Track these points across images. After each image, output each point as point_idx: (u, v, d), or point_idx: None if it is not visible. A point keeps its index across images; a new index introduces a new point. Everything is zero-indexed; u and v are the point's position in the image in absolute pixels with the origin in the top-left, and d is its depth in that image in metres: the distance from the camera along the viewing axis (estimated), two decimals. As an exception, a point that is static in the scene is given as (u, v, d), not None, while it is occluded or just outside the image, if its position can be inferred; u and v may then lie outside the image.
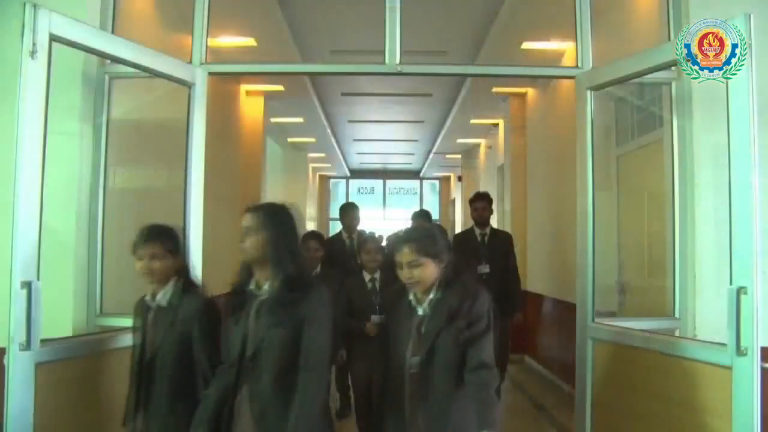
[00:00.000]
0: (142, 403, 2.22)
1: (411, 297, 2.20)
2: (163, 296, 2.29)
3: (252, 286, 2.09)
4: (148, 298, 2.32)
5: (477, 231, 4.93)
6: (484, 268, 4.71)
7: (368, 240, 3.88)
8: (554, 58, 5.61)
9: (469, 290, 2.16)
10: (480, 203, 4.96)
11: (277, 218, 2.08)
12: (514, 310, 4.89)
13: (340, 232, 5.16)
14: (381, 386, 2.29)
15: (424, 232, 2.24)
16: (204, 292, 2.36)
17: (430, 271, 2.13)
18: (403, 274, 2.14)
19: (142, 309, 2.34)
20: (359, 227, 5.16)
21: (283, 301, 1.98)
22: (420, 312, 2.17)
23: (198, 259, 3.05)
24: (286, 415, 1.91)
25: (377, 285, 3.69)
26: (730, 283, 2.29)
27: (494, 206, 5.16)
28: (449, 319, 2.10)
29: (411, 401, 2.12)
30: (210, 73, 3.20)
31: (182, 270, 2.35)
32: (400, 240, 2.18)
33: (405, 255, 2.13)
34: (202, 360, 2.19)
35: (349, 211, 5.15)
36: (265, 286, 2.06)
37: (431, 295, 2.17)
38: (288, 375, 1.96)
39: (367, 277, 3.73)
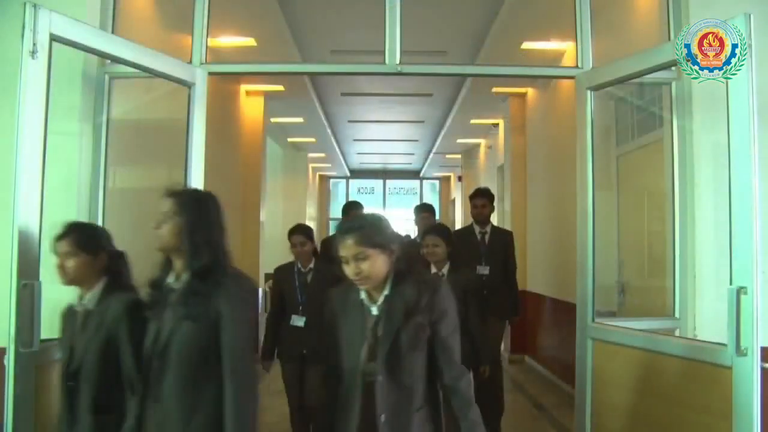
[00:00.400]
0: (68, 418, 2.04)
1: (362, 295, 1.97)
2: (91, 299, 2.11)
3: (171, 279, 1.92)
4: (75, 302, 2.15)
5: (477, 229, 4.61)
6: (484, 269, 4.41)
7: None
8: (554, 58, 5.62)
9: (426, 283, 1.96)
10: (480, 200, 4.64)
11: (195, 205, 1.91)
12: (515, 314, 4.74)
13: None
14: (331, 398, 2.01)
15: (367, 220, 1.98)
16: (133, 291, 2.16)
17: (380, 263, 1.89)
18: (350, 270, 1.88)
19: (69, 315, 2.17)
20: None
21: (193, 292, 1.82)
22: (375, 311, 1.93)
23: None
24: (190, 424, 1.78)
25: None
26: (730, 283, 2.29)
27: (494, 206, 4.90)
28: (407, 316, 1.88)
29: (366, 412, 1.88)
30: (210, 73, 3.19)
31: (110, 269, 2.15)
32: (341, 231, 1.91)
33: (349, 247, 1.88)
34: (128, 367, 1.99)
35: (352, 210, 4.92)
36: (183, 276, 1.89)
37: (388, 291, 1.94)
38: (195, 378, 1.80)
39: None
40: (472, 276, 3.66)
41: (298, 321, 3.62)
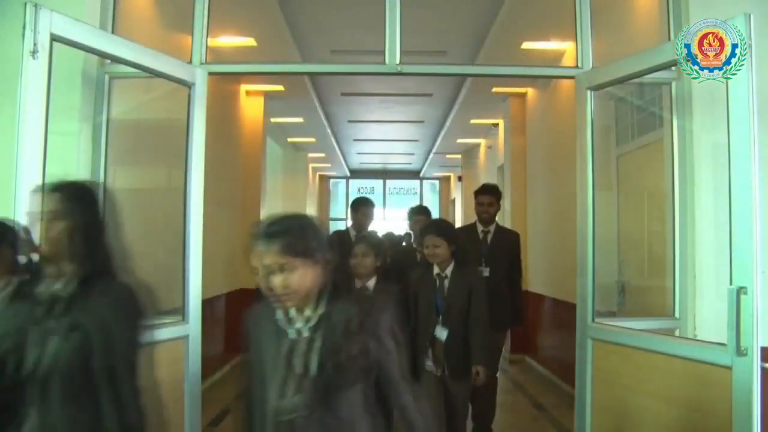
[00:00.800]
0: None
1: (278, 315, 1.63)
2: None
3: (58, 286, 1.63)
4: None
5: (479, 228, 4.33)
6: (484, 272, 4.07)
7: (359, 241, 3.34)
8: (554, 58, 5.62)
9: (366, 300, 1.68)
10: (486, 197, 4.33)
11: (83, 201, 1.65)
12: (517, 322, 4.48)
13: (348, 229, 4.69)
14: None
15: (294, 223, 1.61)
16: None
17: (308, 276, 1.56)
18: (270, 284, 1.56)
19: None
20: (371, 227, 4.55)
21: (76, 300, 1.58)
22: (293, 335, 1.59)
23: (198, 260, 3.05)
24: None
25: None
26: (730, 283, 2.29)
27: (500, 204, 4.52)
28: (343, 343, 1.55)
29: None
30: (210, 73, 3.19)
31: (16, 268, 1.90)
32: (262, 236, 1.56)
33: (271, 256, 1.54)
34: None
35: (361, 206, 4.54)
36: (57, 285, 1.62)
37: (312, 311, 1.60)
38: (82, 402, 1.55)
39: (357, 284, 3.22)
40: (478, 274, 3.47)
41: None
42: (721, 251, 2.50)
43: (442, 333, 3.17)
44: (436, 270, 3.28)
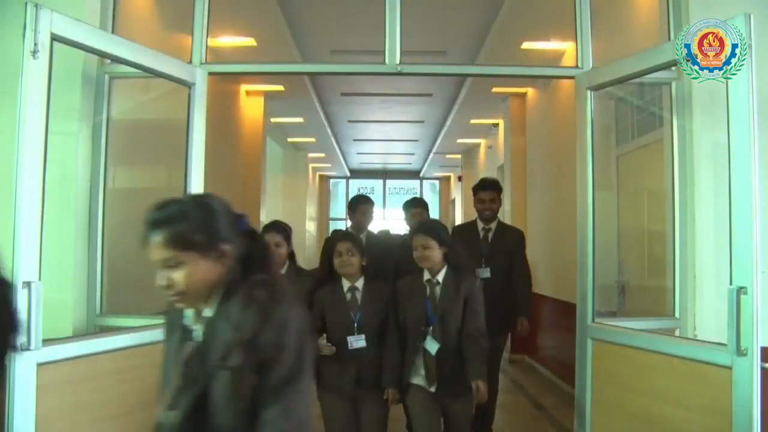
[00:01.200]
0: None
1: (187, 312, 1.44)
2: None
3: None
4: None
5: (480, 225, 4.07)
6: (485, 272, 3.86)
7: (342, 239, 3.06)
8: (554, 58, 5.62)
9: (256, 302, 1.32)
10: (487, 193, 4.05)
11: None
12: (523, 314, 4.07)
13: (347, 230, 4.41)
14: None
15: (183, 208, 1.36)
16: None
17: (202, 272, 1.33)
18: (158, 280, 1.34)
19: None
20: (370, 227, 4.26)
21: None
22: (198, 336, 1.39)
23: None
24: None
25: (359, 296, 2.97)
26: (730, 283, 2.29)
27: (501, 199, 4.28)
28: (225, 355, 1.30)
29: None
30: (210, 73, 3.20)
31: None
32: (146, 225, 1.35)
33: (155, 249, 1.32)
34: None
35: (359, 204, 4.19)
36: None
37: (201, 312, 1.40)
38: None
39: (345, 285, 2.98)
40: (474, 280, 3.00)
41: None
42: (721, 251, 2.50)
43: (432, 346, 2.83)
44: (426, 275, 2.95)
